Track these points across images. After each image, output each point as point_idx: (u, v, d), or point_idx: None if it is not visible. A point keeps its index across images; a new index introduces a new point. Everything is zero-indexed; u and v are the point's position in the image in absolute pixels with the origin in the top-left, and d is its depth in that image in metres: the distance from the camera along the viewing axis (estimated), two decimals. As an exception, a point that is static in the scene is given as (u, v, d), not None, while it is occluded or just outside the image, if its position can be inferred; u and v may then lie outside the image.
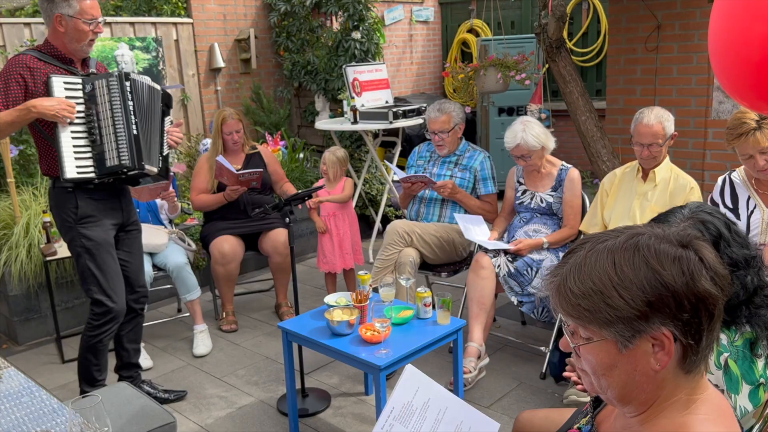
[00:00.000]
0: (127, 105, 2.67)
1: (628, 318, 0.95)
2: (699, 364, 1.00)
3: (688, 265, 0.95)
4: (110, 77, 2.66)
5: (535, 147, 3.28)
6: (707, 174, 4.16)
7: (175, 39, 5.60)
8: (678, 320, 0.95)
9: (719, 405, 1.03)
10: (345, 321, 2.63)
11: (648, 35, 4.29)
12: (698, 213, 1.54)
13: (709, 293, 0.95)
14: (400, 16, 7.35)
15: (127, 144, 2.65)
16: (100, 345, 2.82)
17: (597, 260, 0.98)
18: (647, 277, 0.94)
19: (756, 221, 2.65)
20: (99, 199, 2.77)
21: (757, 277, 1.49)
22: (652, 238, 0.99)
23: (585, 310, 0.97)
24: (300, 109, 6.60)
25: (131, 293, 2.97)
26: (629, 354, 0.97)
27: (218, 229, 4.00)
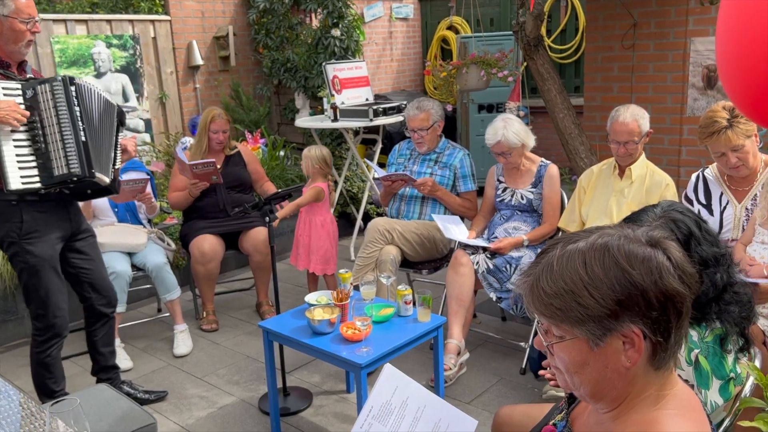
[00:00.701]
0: (74, 111, 2.55)
1: (598, 317, 0.97)
2: (668, 361, 1.02)
3: (656, 264, 0.98)
4: (54, 82, 2.53)
5: (516, 144, 3.31)
6: (683, 170, 4.22)
7: (152, 36, 5.55)
8: (647, 318, 0.97)
9: (688, 400, 1.05)
10: (326, 320, 2.64)
11: (624, 33, 4.34)
12: (670, 212, 1.58)
13: (677, 291, 0.98)
14: (380, 13, 7.35)
15: (76, 151, 2.53)
16: (48, 359, 2.76)
17: (568, 261, 1.00)
18: (617, 276, 0.97)
19: (729, 217, 2.70)
20: (45, 211, 2.65)
21: (727, 275, 1.53)
22: (622, 238, 1.01)
23: (557, 309, 1.00)
24: (280, 107, 6.58)
25: (100, 298, 2.91)
26: (600, 352, 1.00)
27: (198, 228, 3.98)
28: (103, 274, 2.95)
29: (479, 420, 2.84)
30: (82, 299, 2.92)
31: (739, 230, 2.67)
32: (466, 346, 3.31)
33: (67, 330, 2.80)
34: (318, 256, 3.91)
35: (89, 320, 2.94)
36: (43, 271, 2.67)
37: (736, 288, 1.55)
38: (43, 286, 2.68)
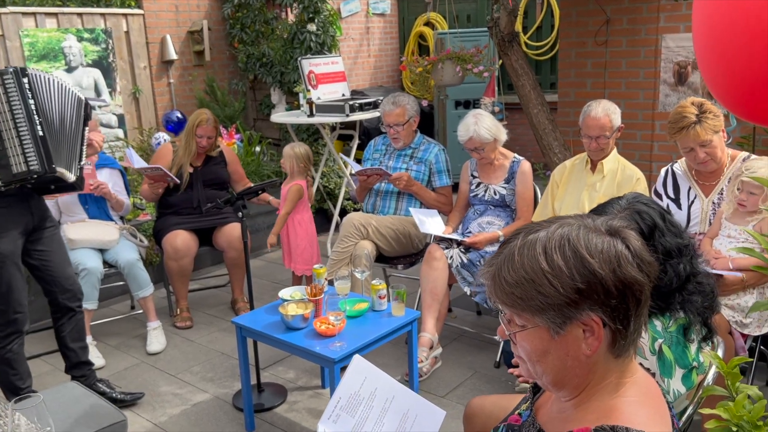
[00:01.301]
0: (28, 104, 2.48)
1: (558, 305, 0.98)
2: (628, 348, 1.04)
3: (615, 253, 0.99)
4: (5, 75, 2.45)
5: (488, 139, 3.33)
6: (654, 165, 4.28)
7: (125, 30, 5.47)
8: (606, 306, 0.98)
9: (648, 387, 1.07)
10: (299, 315, 2.63)
11: (598, 29, 4.38)
12: (635, 204, 1.60)
13: (636, 280, 0.99)
14: (357, 9, 7.33)
15: (33, 147, 2.47)
16: (11, 355, 2.71)
17: (529, 250, 1.01)
18: (576, 265, 0.98)
19: (696, 211, 2.75)
20: (6, 207, 2.60)
21: (690, 265, 1.55)
22: (581, 228, 1.02)
23: (518, 298, 1.01)
24: (256, 102, 6.53)
25: (64, 292, 2.86)
26: (561, 340, 1.01)
27: (171, 224, 3.93)
28: (65, 267, 2.88)
29: (453, 413, 2.87)
30: (45, 293, 2.87)
31: (706, 224, 2.72)
32: (442, 340, 3.32)
33: (27, 326, 2.76)
34: (297, 255, 3.90)
35: (55, 315, 2.89)
36: (4, 268, 2.62)
37: (699, 278, 1.57)
38: (4, 282, 2.63)
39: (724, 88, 1.24)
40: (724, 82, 1.22)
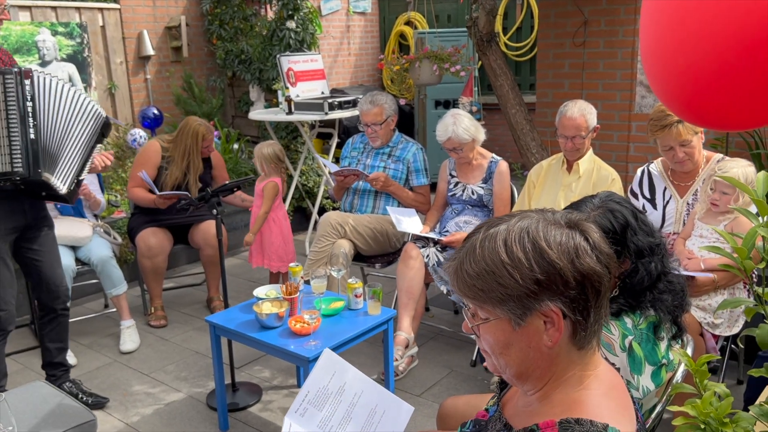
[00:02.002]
0: (25, 106, 2.45)
1: (518, 296, 1.00)
2: (590, 340, 1.05)
3: (573, 244, 1.01)
4: (7, 74, 2.43)
5: (466, 139, 3.33)
6: (630, 166, 4.32)
7: (101, 25, 5.39)
8: (565, 297, 1.00)
9: (611, 380, 1.08)
10: (274, 313, 2.61)
11: (576, 30, 4.41)
12: (607, 202, 1.61)
13: (594, 271, 1.00)
14: (337, 7, 7.30)
15: (21, 149, 2.44)
16: None
17: (490, 243, 1.03)
18: (535, 257, 1.00)
19: (671, 211, 2.77)
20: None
21: (661, 264, 1.56)
22: (541, 221, 1.04)
23: (479, 291, 1.03)
24: (234, 99, 6.48)
25: (48, 293, 2.84)
26: (523, 331, 1.02)
27: (145, 221, 3.88)
28: (53, 268, 2.86)
29: (428, 412, 2.87)
30: (33, 291, 2.87)
31: (681, 224, 2.74)
32: (419, 339, 3.32)
33: (12, 325, 2.71)
34: (271, 252, 3.86)
35: (40, 312, 2.89)
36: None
37: (669, 277, 1.59)
38: None
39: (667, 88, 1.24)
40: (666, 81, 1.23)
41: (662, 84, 1.24)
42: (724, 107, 1.13)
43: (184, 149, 3.84)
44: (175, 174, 3.83)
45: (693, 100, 1.17)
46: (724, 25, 1.05)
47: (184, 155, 3.84)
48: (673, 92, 1.23)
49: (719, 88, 1.09)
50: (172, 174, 3.83)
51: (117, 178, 4.97)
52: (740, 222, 2.46)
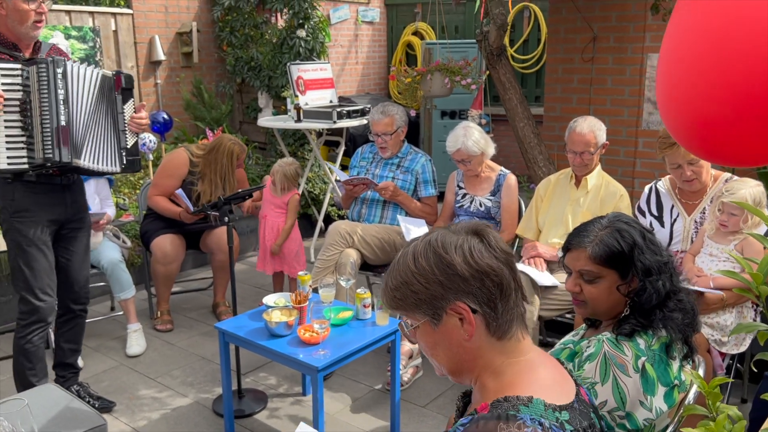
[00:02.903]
0: (57, 94, 2.53)
1: (428, 299, 1.14)
2: (506, 330, 1.15)
3: (468, 246, 1.14)
4: (41, 64, 2.52)
5: (475, 152, 3.36)
6: (637, 182, 4.34)
7: (113, 30, 5.44)
8: (469, 293, 1.12)
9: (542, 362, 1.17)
10: (283, 322, 2.63)
11: (585, 46, 4.45)
12: (615, 222, 1.65)
13: (490, 267, 1.13)
14: (346, 16, 7.35)
15: (53, 136, 2.52)
16: (30, 346, 2.72)
17: (404, 258, 1.18)
18: (436, 262, 1.13)
19: (678, 229, 2.80)
20: (39, 193, 2.65)
21: (670, 282, 1.59)
22: (440, 232, 1.18)
23: (399, 300, 1.18)
24: (242, 105, 6.51)
25: (70, 293, 2.88)
26: (442, 330, 1.15)
27: (160, 227, 3.88)
28: (81, 270, 2.91)
29: (433, 423, 2.89)
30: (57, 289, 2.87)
31: (688, 242, 2.77)
32: (423, 350, 3.33)
33: (51, 317, 2.76)
34: (290, 259, 3.92)
35: (59, 311, 2.91)
36: (29, 251, 2.65)
37: (679, 296, 1.61)
38: (30, 266, 2.66)
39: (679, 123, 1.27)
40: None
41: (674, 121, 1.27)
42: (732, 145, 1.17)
43: (221, 169, 3.80)
44: (208, 192, 3.77)
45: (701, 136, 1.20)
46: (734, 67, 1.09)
47: (220, 175, 3.80)
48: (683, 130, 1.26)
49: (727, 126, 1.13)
50: (205, 192, 3.78)
51: (125, 182, 5.00)
52: (750, 242, 2.48)
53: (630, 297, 1.61)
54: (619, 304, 1.63)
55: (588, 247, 1.64)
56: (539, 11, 6.75)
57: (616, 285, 1.62)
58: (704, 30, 1.16)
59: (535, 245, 3.15)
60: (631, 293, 1.61)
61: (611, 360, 1.53)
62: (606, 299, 1.63)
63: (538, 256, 3.10)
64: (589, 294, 1.65)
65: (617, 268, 1.61)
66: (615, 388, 1.50)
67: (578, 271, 1.66)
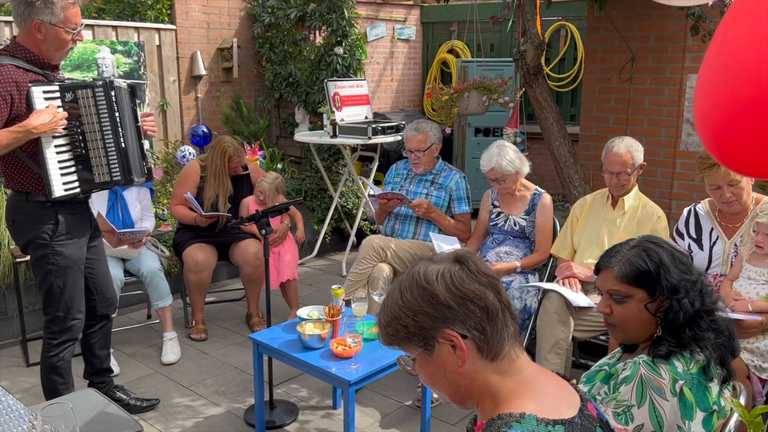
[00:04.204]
0: (115, 117, 2.59)
1: (417, 331, 1.16)
2: (497, 351, 1.16)
3: (449, 274, 1.16)
4: (96, 87, 2.57)
5: (510, 171, 3.36)
6: (674, 203, 4.28)
7: (157, 45, 5.59)
8: (455, 320, 1.14)
9: (538, 378, 1.18)
10: (317, 335, 2.66)
11: (623, 66, 4.42)
12: (644, 243, 1.66)
13: (474, 292, 1.15)
14: (383, 34, 7.44)
15: (117, 159, 2.59)
16: (62, 363, 2.75)
17: (392, 293, 1.21)
18: (419, 293, 1.16)
19: (718, 252, 2.75)
20: (76, 213, 2.68)
21: (700, 302, 1.59)
22: (423, 263, 1.21)
23: (392, 336, 1.20)
24: (279, 120, 6.62)
25: (102, 300, 2.94)
26: (437, 359, 1.17)
27: (192, 237, 3.99)
28: (108, 276, 2.98)
29: (464, 442, 2.87)
30: (85, 299, 2.89)
31: (728, 266, 2.72)
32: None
33: (80, 331, 2.81)
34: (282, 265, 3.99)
35: (89, 321, 2.92)
36: (71, 273, 2.68)
37: (713, 316, 1.60)
38: (69, 288, 2.68)
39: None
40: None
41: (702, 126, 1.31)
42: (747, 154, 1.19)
43: (215, 170, 3.98)
44: (209, 194, 3.96)
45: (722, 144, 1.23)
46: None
47: (215, 176, 3.98)
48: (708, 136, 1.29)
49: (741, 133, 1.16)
50: (207, 194, 3.96)
51: (165, 192, 5.12)
52: (790, 266, 2.43)
53: (659, 316, 1.61)
54: (650, 325, 1.63)
55: (615, 266, 1.66)
56: (576, 30, 6.73)
57: (644, 304, 1.62)
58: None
59: (569, 265, 3.13)
60: (659, 312, 1.60)
61: (648, 383, 1.52)
62: (635, 319, 1.63)
63: (572, 276, 3.08)
64: (619, 315, 1.65)
65: (645, 287, 1.62)
66: (652, 412, 1.49)
67: (607, 291, 1.68)
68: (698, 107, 1.30)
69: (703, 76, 1.28)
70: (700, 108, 1.30)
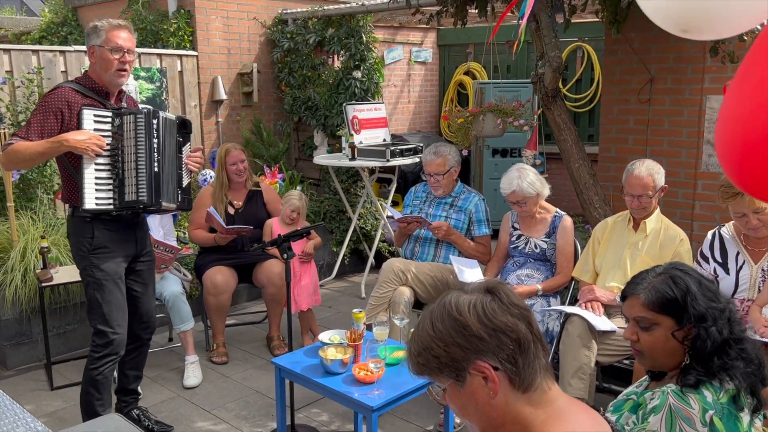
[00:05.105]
0: (152, 142, 2.73)
1: (449, 362, 1.16)
2: (530, 383, 1.15)
3: (480, 305, 1.16)
4: (138, 114, 2.72)
5: (531, 194, 3.37)
6: (696, 224, 4.24)
7: (179, 70, 5.70)
8: (488, 352, 1.14)
9: (570, 409, 1.17)
10: (339, 359, 2.66)
11: (641, 87, 4.42)
12: (671, 270, 1.66)
13: (506, 323, 1.15)
14: (400, 56, 7.51)
15: (146, 181, 2.71)
16: (100, 377, 2.82)
17: (423, 323, 1.21)
18: (451, 324, 1.16)
19: (744, 277, 2.72)
20: (114, 230, 2.81)
21: (729, 330, 1.57)
22: (454, 294, 1.20)
23: (422, 366, 1.20)
24: (298, 143, 6.69)
25: (141, 323, 3.03)
26: (468, 391, 1.16)
27: (212, 259, 4.03)
28: (150, 299, 3.08)
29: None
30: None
31: (755, 290, 2.68)
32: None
33: (123, 349, 2.89)
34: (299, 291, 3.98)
35: (128, 341, 3.00)
36: (107, 286, 2.80)
37: (742, 345, 1.59)
38: (106, 301, 2.80)
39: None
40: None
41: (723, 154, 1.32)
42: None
43: (217, 170, 4.13)
44: (219, 207, 4.06)
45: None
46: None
47: (218, 176, 4.12)
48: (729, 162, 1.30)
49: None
50: (216, 200, 4.08)
51: (186, 216, 5.17)
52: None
53: (687, 344, 1.59)
54: (678, 353, 1.61)
55: (641, 294, 1.65)
56: (592, 51, 6.75)
57: (671, 332, 1.61)
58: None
59: (592, 289, 3.11)
60: (687, 340, 1.59)
61: (677, 413, 1.50)
62: (663, 347, 1.62)
63: (595, 300, 3.06)
64: (645, 342, 1.64)
65: (671, 314, 1.61)
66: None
67: (634, 318, 1.67)
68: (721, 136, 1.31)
69: (726, 105, 1.29)
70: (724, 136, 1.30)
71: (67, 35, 6.87)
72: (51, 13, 7.36)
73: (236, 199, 4.15)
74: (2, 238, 3.99)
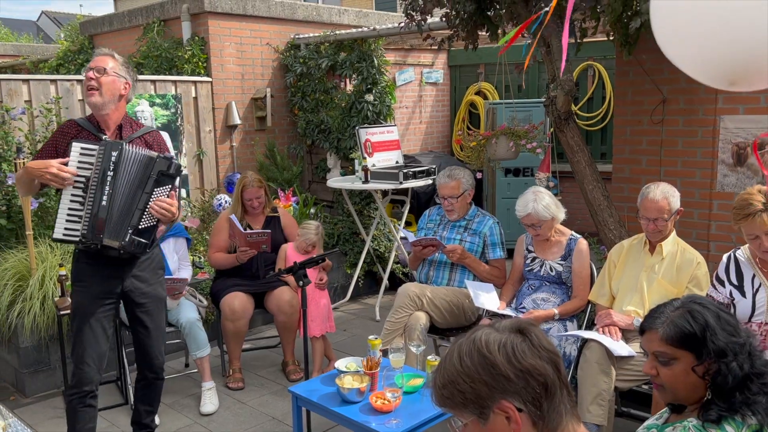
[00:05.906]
0: (106, 175, 2.62)
1: (474, 398, 1.16)
2: (555, 427, 1.16)
3: (510, 346, 1.16)
4: (102, 146, 2.63)
5: (546, 217, 3.37)
6: (713, 245, 4.21)
7: (194, 96, 5.78)
8: (514, 392, 1.14)
9: None
10: (355, 388, 2.66)
11: (653, 108, 4.42)
12: (688, 303, 1.64)
13: (534, 367, 1.15)
14: (411, 78, 7.57)
15: (90, 215, 2.62)
16: (69, 408, 2.82)
17: (450, 356, 1.21)
18: (480, 361, 1.16)
19: (761, 300, 2.70)
20: (96, 265, 2.76)
21: (750, 365, 1.56)
22: (485, 330, 1.21)
23: (446, 398, 1.20)
24: (312, 166, 6.75)
25: (145, 362, 3.00)
26: (490, 428, 1.16)
27: (229, 285, 4.05)
28: (156, 341, 2.99)
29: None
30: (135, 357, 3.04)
31: (773, 314, 2.66)
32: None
33: (89, 386, 2.78)
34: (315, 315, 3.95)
35: (138, 374, 3.07)
36: (79, 319, 2.78)
37: (764, 379, 1.57)
38: (77, 335, 2.79)
39: None
40: None
41: None
42: None
43: (233, 199, 4.19)
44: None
45: None
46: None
47: (234, 200, 4.16)
48: None
49: None
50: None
51: (201, 240, 5.22)
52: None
53: (707, 379, 1.58)
54: (699, 388, 1.60)
55: (659, 328, 1.64)
56: (603, 70, 6.77)
57: (691, 367, 1.59)
58: None
59: (609, 313, 3.10)
60: (707, 375, 1.58)
61: (699, 448, 1.49)
62: (683, 382, 1.61)
63: (612, 324, 3.04)
64: (665, 377, 1.63)
65: (690, 349, 1.59)
66: (704, 478, 1.46)
67: (653, 353, 1.65)
68: None
69: None
70: None
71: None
72: (68, 41, 7.51)
73: (254, 223, 4.18)
74: (21, 267, 4.04)
